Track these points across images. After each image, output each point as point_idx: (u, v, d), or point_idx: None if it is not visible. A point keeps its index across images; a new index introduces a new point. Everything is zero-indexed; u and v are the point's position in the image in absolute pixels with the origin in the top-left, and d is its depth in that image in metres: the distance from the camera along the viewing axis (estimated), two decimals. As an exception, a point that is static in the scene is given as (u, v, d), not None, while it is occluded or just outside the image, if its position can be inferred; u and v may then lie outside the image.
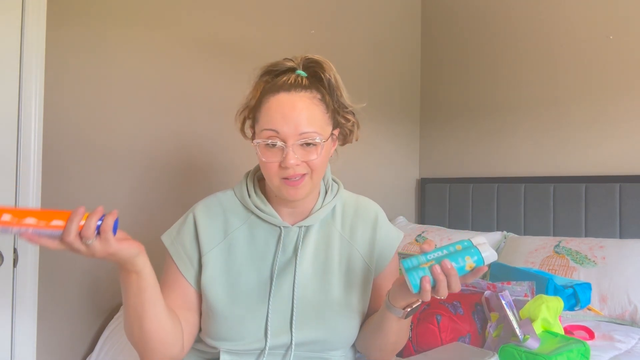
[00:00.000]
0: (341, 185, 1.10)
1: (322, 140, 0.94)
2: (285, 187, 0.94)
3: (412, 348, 1.28)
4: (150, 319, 0.87)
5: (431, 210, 2.84)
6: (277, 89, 0.95)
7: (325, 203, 1.04)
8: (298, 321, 0.97)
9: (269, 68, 1.01)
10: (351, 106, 1.03)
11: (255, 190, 1.04)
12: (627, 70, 2.18)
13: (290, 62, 1.00)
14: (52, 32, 1.57)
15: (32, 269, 1.54)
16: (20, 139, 1.51)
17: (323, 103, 0.97)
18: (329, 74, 0.99)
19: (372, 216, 1.08)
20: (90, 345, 1.72)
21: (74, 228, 0.75)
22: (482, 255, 0.84)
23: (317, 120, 0.94)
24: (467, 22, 2.79)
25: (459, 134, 2.80)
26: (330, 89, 0.99)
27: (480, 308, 1.34)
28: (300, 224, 1.02)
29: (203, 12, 1.99)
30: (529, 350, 1.11)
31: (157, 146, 1.86)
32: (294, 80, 0.96)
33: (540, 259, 2.05)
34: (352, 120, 1.04)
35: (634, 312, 1.76)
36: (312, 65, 0.99)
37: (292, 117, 0.91)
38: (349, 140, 1.07)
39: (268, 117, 0.93)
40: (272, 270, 0.99)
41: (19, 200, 1.51)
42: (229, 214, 1.02)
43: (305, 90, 0.95)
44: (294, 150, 0.92)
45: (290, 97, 0.93)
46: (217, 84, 2.02)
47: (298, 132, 0.91)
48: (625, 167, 2.17)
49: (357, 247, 1.05)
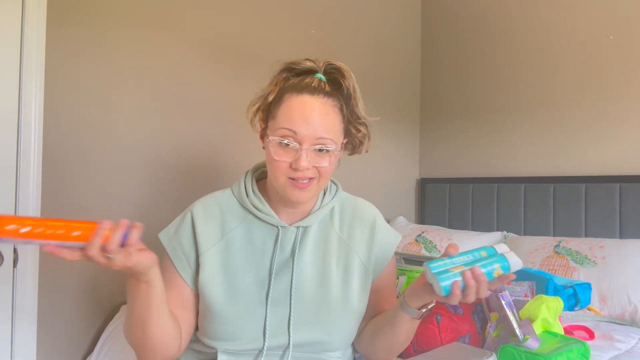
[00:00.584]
0: (339, 187, 1.10)
1: (336, 149, 0.95)
2: (290, 188, 0.94)
3: (411, 348, 1.28)
4: (154, 324, 0.87)
5: (431, 210, 2.84)
6: (300, 89, 0.95)
7: (323, 204, 1.04)
8: (296, 322, 0.97)
9: (290, 65, 1.00)
10: (365, 118, 1.03)
11: (254, 189, 1.03)
12: (627, 70, 2.18)
13: (311, 63, 1.00)
14: (52, 32, 1.57)
15: (32, 269, 1.54)
16: (20, 139, 1.51)
17: (341, 113, 0.97)
18: (349, 82, 0.99)
19: (370, 219, 1.08)
20: (90, 346, 1.71)
21: (98, 242, 0.75)
22: (509, 262, 0.86)
23: (334, 128, 0.95)
24: (467, 23, 2.79)
25: (459, 134, 2.80)
26: (347, 98, 0.99)
27: (480, 308, 1.33)
28: (298, 224, 1.01)
29: (203, 12, 1.99)
30: (529, 351, 1.11)
31: (157, 146, 1.86)
32: (318, 84, 0.96)
33: (540, 259, 2.06)
34: (364, 132, 1.04)
35: (634, 312, 1.76)
36: (333, 71, 0.99)
37: (312, 121, 0.92)
38: (358, 151, 1.06)
39: (288, 117, 0.93)
40: (270, 271, 0.99)
41: (19, 200, 1.51)
42: (227, 214, 1.02)
43: (328, 97, 0.95)
44: (308, 154, 0.92)
45: (313, 101, 0.94)
46: (218, 84, 2.02)
47: (315, 137, 0.92)
48: (625, 167, 2.17)
49: (354, 248, 1.05)
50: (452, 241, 2.42)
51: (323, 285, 1.00)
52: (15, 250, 1.51)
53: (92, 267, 1.71)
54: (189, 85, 1.95)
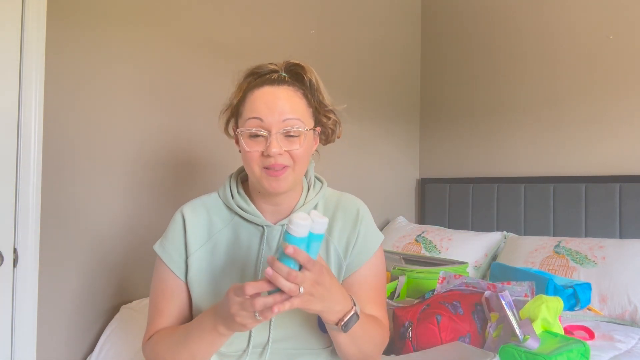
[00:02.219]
0: (324, 183, 1.09)
1: (305, 128, 0.96)
2: (266, 178, 0.95)
3: (411, 348, 1.28)
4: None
5: (431, 210, 2.84)
6: (261, 83, 0.98)
7: (307, 200, 1.04)
8: (276, 319, 0.97)
9: (253, 70, 1.03)
10: (332, 106, 1.05)
11: (239, 190, 1.04)
12: (627, 70, 2.18)
13: (273, 66, 1.02)
14: (52, 32, 1.57)
15: (32, 269, 1.54)
16: (20, 139, 1.51)
17: (305, 98, 0.99)
18: (310, 75, 1.01)
19: (354, 211, 1.05)
20: (90, 346, 1.71)
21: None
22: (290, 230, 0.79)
23: (300, 109, 0.97)
24: (467, 22, 2.79)
25: (459, 134, 2.80)
26: (311, 90, 1.01)
27: (480, 308, 1.33)
28: (283, 222, 1.02)
29: (203, 12, 1.99)
30: (529, 350, 1.11)
31: (157, 146, 1.86)
32: (278, 77, 0.99)
33: (540, 259, 2.06)
34: (333, 119, 1.05)
35: (634, 312, 1.76)
36: (293, 68, 1.02)
37: (276, 106, 0.94)
38: (332, 140, 1.08)
39: (252, 107, 0.95)
40: (255, 271, 0.99)
41: (19, 200, 1.51)
42: (213, 216, 1.03)
43: (288, 85, 0.98)
44: (278, 139, 0.93)
45: (273, 90, 0.96)
46: (218, 84, 2.02)
47: (282, 119, 0.93)
48: (625, 167, 2.17)
49: (333, 241, 1.03)
50: (452, 241, 2.42)
51: None
52: (15, 250, 1.51)
53: (92, 267, 1.71)
54: (189, 86, 1.95)
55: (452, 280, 1.47)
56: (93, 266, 1.71)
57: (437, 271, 1.69)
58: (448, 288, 1.46)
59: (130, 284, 1.80)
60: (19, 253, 1.52)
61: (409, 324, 1.31)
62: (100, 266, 1.73)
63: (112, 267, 1.75)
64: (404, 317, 1.34)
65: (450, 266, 1.83)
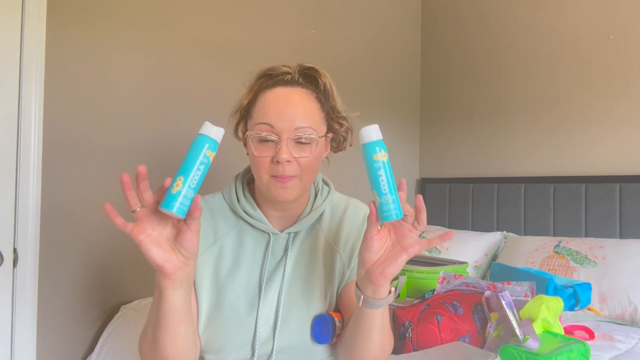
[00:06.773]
0: (332, 187, 1.07)
1: (317, 135, 0.92)
2: (274, 186, 0.91)
3: (411, 348, 1.28)
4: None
5: (431, 210, 2.84)
6: (273, 84, 0.94)
7: (314, 207, 1.01)
8: (282, 329, 0.95)
9: (266, 72, 1.00)
10: (345, 112, 1.02)
11: (245, 193, 1.02)
12: (627, 70, 2.18)
13: (286, 68, 0.99)
14: (52, 32, 1.57)
15: (32, 269, 1.54)
16: (20, 139, 1.51)
17: (318, 102, 0.96)
18: (324, 79, 0.98)
19: (361, 217, 1.03)
20: (90, 346, 1.71)
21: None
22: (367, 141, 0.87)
23: (312, 116, 0.93)
24: (467, 23, 2.79)
25: (459, 133, 2.80)
26: (325, 94, 0.98)
27: (481, 308, 1.34)
28: (289, 230, 0.99)
29: (203, 13, 1.99)
30: (529, 351, 1.11)
31: (157, 146, 1.86)
32: (291, 78, 0.96)
33: (540, 259, 2.06)
34: (346, 126, 1.02)
35: (634, 312, 1.76)
36: (307, 71, 0.99)
37: (288, 112, 0.90)
38: (343, 147, 1.04)
39: (263, 111, 0.91)
40: (260, 279, 0.97)
41: (19, 200, 1.51)
42: (218, 218, 1.00)
43: (301, 87, 0.95)
44: (288, 145, 0.89)
45: (286, 91, 0.92)
46: (218, 84, 2.02)
47: (293, 127, 0.90)
48: (625, 167, 2.17)
49: (339, 249, 1.01)
50: (452, 241, 2.42)
51: (309, 290, 0.98)
52: (15, 251, 1.51)
53: (92, 267, 1.71)
54: (189, 85, 1.95)
55: (452, 280, 1.47)
56: (93, 266, 1.71)
57: (437, 271, 1.69)
58: (448, 288, 1.46)
59: (130, 284, 1.80)
60: (19, 253, 1.52)
61: (409, 324, 1.31)
62: (101, 266, 1.73)
63: (112, 267, 1.76)
64: (404, 317, 1.34)
65: (450, 266, 1.83)
